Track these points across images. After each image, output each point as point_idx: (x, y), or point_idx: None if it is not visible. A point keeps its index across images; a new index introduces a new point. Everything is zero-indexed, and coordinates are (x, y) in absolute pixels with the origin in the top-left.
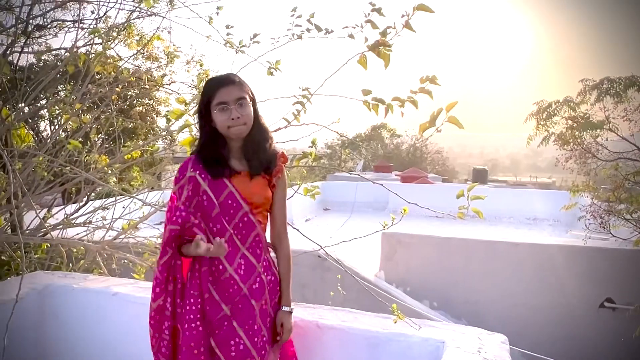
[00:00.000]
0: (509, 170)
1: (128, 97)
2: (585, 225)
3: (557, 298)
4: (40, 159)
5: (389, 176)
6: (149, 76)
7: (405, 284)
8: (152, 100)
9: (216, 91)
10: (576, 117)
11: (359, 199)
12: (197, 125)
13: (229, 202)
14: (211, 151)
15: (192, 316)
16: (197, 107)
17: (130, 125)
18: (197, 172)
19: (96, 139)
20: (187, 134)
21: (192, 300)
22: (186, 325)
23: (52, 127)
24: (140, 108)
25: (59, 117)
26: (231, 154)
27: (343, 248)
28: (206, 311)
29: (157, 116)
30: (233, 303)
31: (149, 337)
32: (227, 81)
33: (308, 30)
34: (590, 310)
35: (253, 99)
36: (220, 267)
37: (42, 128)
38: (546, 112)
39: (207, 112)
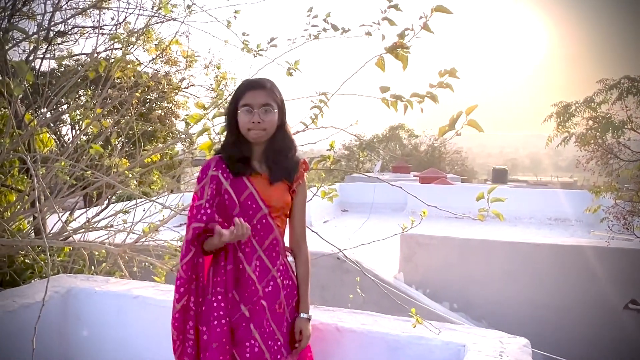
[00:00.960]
0: (529, 169)
1: (147, 100)
2: (609, 226)
3: (580, 299)
4: (63, 163)
5: (408, 177)
6: (167, 80)
7: (425, 286)
8: (170, 104)
9: (245, 93)
10: (597, 117)
11: (377, 200)
12: (215, 129)
13: (249, 202)
14: (235, 150)
15: (221, 312)
16: (225, 108)
17: (149, 129)
18: (220, 171)
19: (116, 143)
20: (205, 138)
21: (219, 297)
22: (215, 322)
23: (74, 132)
24: (159, 111)
25: (80, 122)
26: (253, 156)
27: (362, 249)
28: (231, 308)
29: (175, 119)
30: (251, 304)
31: (171, 341)
32: (257, 85)
33: (324, 30)
34: (614, 311)
35: (281, 108)
36: (240, 266)
37: (63, 132)
38: (567, 113)
39: (234, 112)
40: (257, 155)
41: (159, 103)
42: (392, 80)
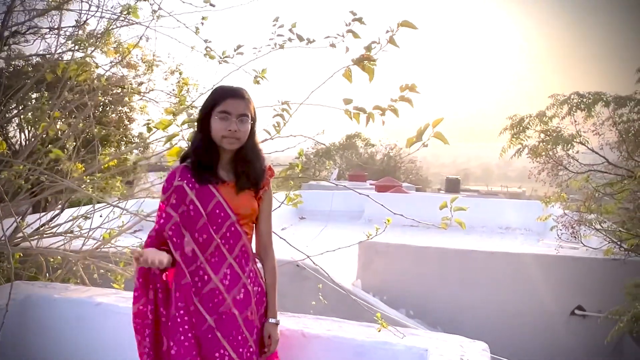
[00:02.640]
0: (481, 179)
1: (101, 104)
2: (557, 235)
3: (531, 306)
4: (21, 167)
5: (364, 185)
6: (128, 84)
7: (382, 293)
8: (124, 107)
9: (223, 100)
10: (548, 130)
11: (335, 208)
12: (184, 136)
13: (217, 211)
14: (202, 156)
15: (185, 327)
16: (199, 109)
17: (102, 133)
18: (185, 181)
19: (71, 147)
20: (165, 144)
21: (182, 312)
22: (182, 337)
23: (23, 134)
24: (113, 115)
25: (32, 124)
26: (220, 164)
27: (320, 257)
28: (193, 323)
29: (130, 123)
30: (217, 314)
31: (137, 343)
32: (237, 94)
33: (290, 39)
34: (562, 317)
35: (254, 119)
36: (206, 277)
37: (10, 134)
38: (520, 126)
39: (207, 117)
40: (224, 163)
41: (113, 107)
42: (356, 91)
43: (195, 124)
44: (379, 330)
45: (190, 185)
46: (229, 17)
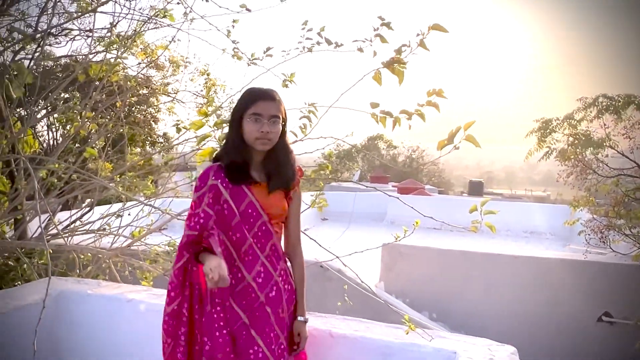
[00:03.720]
0: (505, 183)
1: (129, 104)
2: (586, 240)
3: (556, 311)
4: (56, 165)
5: (386, 187)
6: (162, 86)
7: (405, 295)
8: (150, 108)
9: (255, 102)
10: (577, 134)
11: (357, 210)
12: (216, 137)
13: (249, 211)
14: (235, 157)
15: (221, 323)
16: (231, 113)
17: (131, 133)
18: (219, 180)
19: (101, 147)
20: (197, 145)
21: (218, 308)
22: (217, 333)
23: (51, 133)
24: (139, 115)
25: (62, 124)
26: (252, 165)
27: (344, 259)
28: (228, 319)
29: (155, 124)
30: (251, 311)
31: (167, 347)
32: (268, 96)
33: (318, 43)
34: (588, 323)
35: (285, 120)
36: (239, 275)
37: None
38: (547, 129)
39: (240, 119)
40: (256, 164)
41: (138, 107)
42: (378, 94)
43: (224, 125)
44: (407, 333)
45: (224, 184)
46: (259, 19)
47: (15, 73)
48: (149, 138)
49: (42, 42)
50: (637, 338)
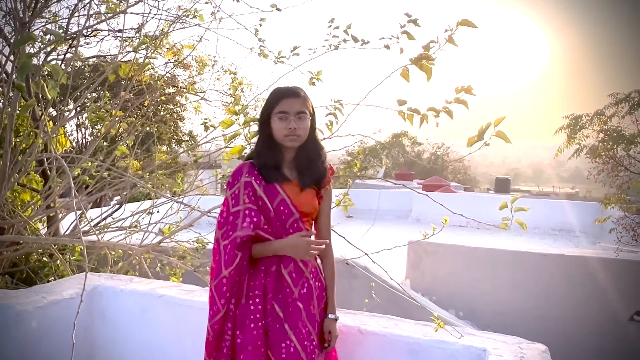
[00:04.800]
0: (531, 180)
1: (158, 103)
2: (617, 238)
3: (586, 310)
4: (90, 163)
5: (411, 184)
6: (190, 85)
7: (431, 293)
8: (176, 106)
9: (280, 101)
10: (608, 130)
11: (382, 207)
12: (246, 135)
13: (281, 208)
14: (268, 157)
15: (257, 315)
16: (259, 113)
17: (159, 131)
18: (253, 177)
19: (130, 145)
20: (227, 143)
21: (257, 300)
22: (252, 325)
23: (80, 132)
24: (165, 114)
25: (92, 123)
26: (284, 163)
27: (370, 256)
28: (268, 310)
29: (181, 122)
30: (286, 305)
31: (205, 340)
32: (292, 93)
33: (345, 41)
34: (620, 323)
35: (312, 115)
36: (274, 267)
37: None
38: (577, 125)
39: (268, 119)
40: (287, 162)
41: (165, 106)
42: (402, 90)
43: (252, 123)
44: (436, 330)
45: (258, 182)
46: (286, 18)
47: (49, 73)
48: (175, 136)
49: (73, 43)
50: None
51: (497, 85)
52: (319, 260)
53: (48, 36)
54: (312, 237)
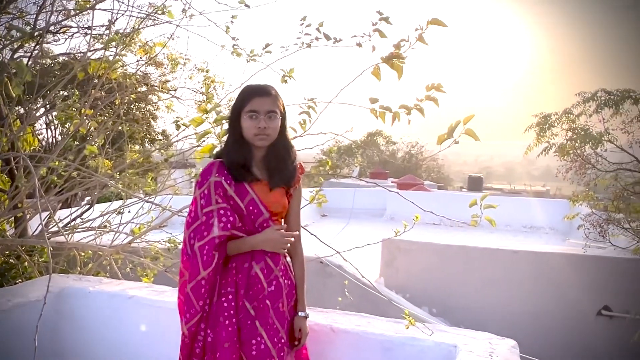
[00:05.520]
0: (504, 178)
1: (129, 102)
2: (585, 234)
3: (556, 305)
4: (57, 163)
5: (385, 183)
6: (153, 81)
7: (405, 291)
8: (149, 105)
9: (250, 99)
10: (576, 128)
11: (356, 206)
12: (217, 133)
13: (251, 208)
14: (236, 155)
15: (231, 312)
16: (229, 111)
17: (127, 130)
18: (223, 177)
19: (100, 144)
20: (198, 141)
21: (230, 297)
22: (227, 322)
23: (49, 131)
24: (138, 112)
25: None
26: (254, 162)
27: (344, 254)
28: (239, 307)
29: (154, 121)
30: (257, 301)
31: (180, 343)
32: (262, 92)
33: (317, 39)
34: (588, 317)
35: (283, 115)
36: (246, 264)
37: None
38: (546, 124)
39: (238, 117)
40: (257, 161)
41: (137, 104)
42: (377, 89)
43: (224, 121)
44: (407, 327)
45: (228, 181)
46: (257, 15)
47: (14, 71)
48: (147, 135)
49: (40, 40)
50: (636, 331)
51: (471, 85)
52: (288, 258)
53: (13, 32)
54: (282, 231)
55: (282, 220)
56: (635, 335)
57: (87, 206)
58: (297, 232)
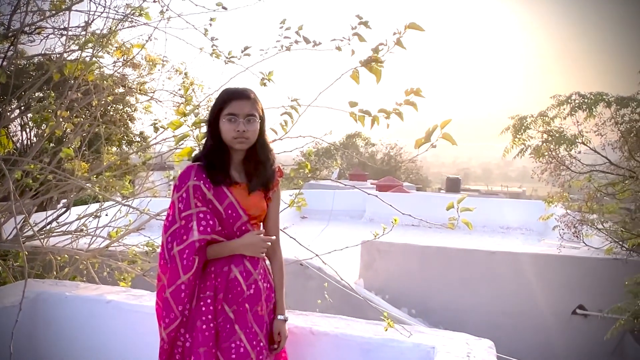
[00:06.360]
0: (481, 179)
1: (104, 103)
2: (560, 235)
3: (532, 305)
4: (31, 166)
5: (365, 185)
6: (130, 83)
7: (384, 292)
8: (127, 107)
9: (229, 102)
10: (551, 130)
11: (336, 207)
12: (196, 136)
13: (229, 211)
14: (215, 159)
15: (209, 316)
16: (208, 114)
17: (103, 132)
18: (201, 181)
19: (77, 147)
20: (176, 144)
21: (208, 301)
22: (204, 326)
23: (25, 133)
24: (116, 114)
25: (36, 123)
26: (232, 165)
27: (322, 256)
28: (218, 311)
29: (132, 122)
30: (236, 304)
31: (159, 349)
32: (241, 95)
33: (296, 42)
34: (564, 316)
35: (262, 118)
36: (225, 268)
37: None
38: (522, 126)
39: (216, 120)
40: (235, 164)
41: (114, 106)
42: (358, 92)
43: (203, 124)
44: (386, 329)
45: (207, 185)
46: (236, 18)
47: None
48: (125, 137)
49: (15, 41)
50: (609, 329)
51: (450, 87)
52: (267, 262)
53: None
54: (262, 235)
55: (261, 224)
56: (608, 333)
57: (63, 209)
58: (275, 237)
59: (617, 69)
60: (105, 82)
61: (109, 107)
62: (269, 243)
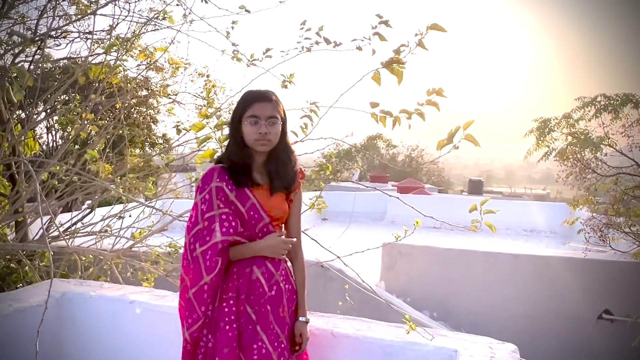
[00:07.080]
0: (504, 181)
1: (127, 106)
2: (585, 238)
3: (556, 309)
4: (57, 167)
5: (386, 187)
6: (153, 86)
7: (406, 295)
8: (150, 109)
9: (251, 104)
10: (575, 133)
11: (357, 209)
12: (218, 138)
13: (251, 213)
14: (237, 160)
15: (232, 317)
16: (230, 116)
17: (127, 134)
18: (224, 183)
19: (101, 149)
20: (199, 146)
21: (231, 302)
22: (227, 327)
23: (50, 136)
24: (137, 116)
25: (62, 126)
26: (254, 167)
27: (343, 258)
28: (240, 312)
29: (154, 125)
30: (258, 306)
31: (182, 349)
32: (264, 97)
33: (317, 43)
34: (588, 321)
35: (284, 120)
36: (247, 269)
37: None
38: (546, 128)
39: (239, 122)
40: (257, 165)
41: (137, 108)
42: (378, 93)
43: (225, 126)
44: (408, 332)
45: (229, 187)
46: (257, 20)
47: (15, 76)
48: (148, 139)
49: (41, 45)
50: (636, 335)
51: (472, 89)
52: (289, 263)
53: (14, 38)
54: (283, 237)
55: (283, 225)
56: (636, 340)
57: (88, 210)
58: (296, 238)
59: None
60: (129, 85)
61: (132, 110)
62: (291, 245)
